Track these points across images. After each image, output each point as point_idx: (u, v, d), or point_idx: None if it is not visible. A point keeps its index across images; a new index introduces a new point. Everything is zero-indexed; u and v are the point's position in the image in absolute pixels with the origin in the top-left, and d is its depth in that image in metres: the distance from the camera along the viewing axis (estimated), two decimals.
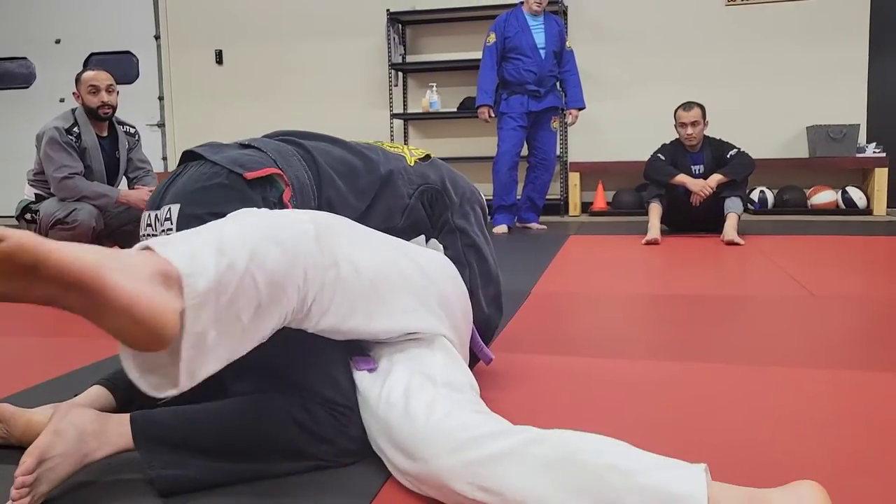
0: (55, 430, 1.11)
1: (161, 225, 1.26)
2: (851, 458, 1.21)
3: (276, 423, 1.18)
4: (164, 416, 1.17)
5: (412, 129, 6.93)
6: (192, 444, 1.15)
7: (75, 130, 3.31)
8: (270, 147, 1.33)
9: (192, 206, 1.23)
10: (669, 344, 2.01)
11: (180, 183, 1.29)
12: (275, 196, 1.24)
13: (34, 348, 2.10)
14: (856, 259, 3.58)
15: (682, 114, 4.50)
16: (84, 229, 3.27)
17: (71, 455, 1.11)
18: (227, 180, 1.24)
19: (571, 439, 1.01)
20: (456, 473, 1.01)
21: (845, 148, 5.92)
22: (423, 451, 1.05)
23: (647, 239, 4.24)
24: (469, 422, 1.07)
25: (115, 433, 1.15)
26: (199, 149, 1.32)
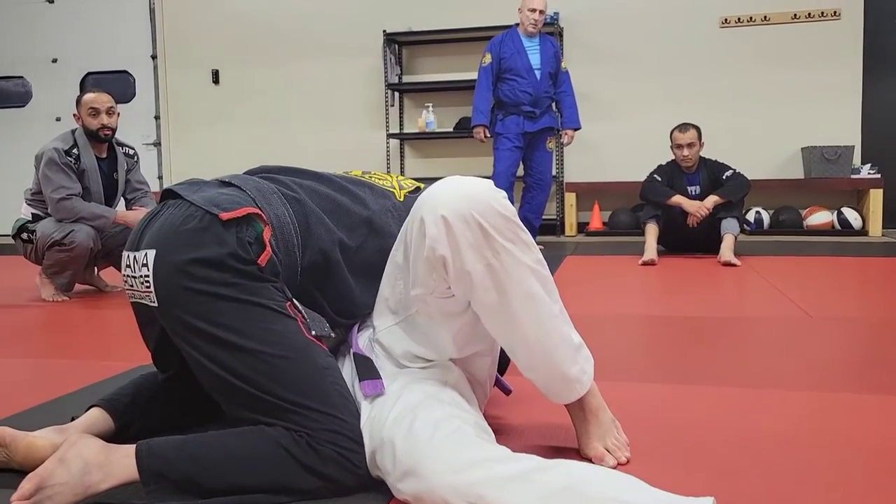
0: (60, 458, 1.11)
1: (139, 269, 1.26)
2: (848, 481, 1.21)
3: (281, 464, 1.16)
4: (169, 450, 1.17)
5: (408, 148, 6.95)
6: (197, 483, 1.14)
7: (74, 152, 3.31)
8: (250, 185, 1.31)
9: (168, 251, 1.23)
10: (667, 366, 2.00)
11: (157, 225, 1.28)
12: (251, 236, 1.23)
13: (31, 370, 2.09)
14: (852, 280, 3.59)
15: (678, 135, 4.53)
16: (81, 251, 3.25)
17: (73, 486, 1.10)
18: (201, 223, 1.23)
19: (577, 470, 1.01)
20: (458, 492, 1.00)
21: (840, 169, 5.96)
22: (426, 468, 1.04)
23: (643, 259, 4.25)
24: (474, 444, 1.06)
25: (119, 465, 1.15)
26: (177, 187, 1.32)
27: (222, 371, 1.20)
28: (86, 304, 3.28)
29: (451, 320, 1.24)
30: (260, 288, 1.22)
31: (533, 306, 1.18)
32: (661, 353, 2.17)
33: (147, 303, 1.27)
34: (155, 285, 1.23)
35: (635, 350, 2.24)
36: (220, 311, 1.20)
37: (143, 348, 1.44)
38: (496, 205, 1.15)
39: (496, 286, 1.16)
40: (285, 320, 1.22)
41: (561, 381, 1.24)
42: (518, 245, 1.16)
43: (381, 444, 1.13)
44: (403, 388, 1.21)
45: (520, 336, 1.20)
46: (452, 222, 1.13)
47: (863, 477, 1.23)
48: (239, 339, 1.19)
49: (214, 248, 1.20)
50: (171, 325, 1.25)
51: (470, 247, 1.13)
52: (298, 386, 1.20)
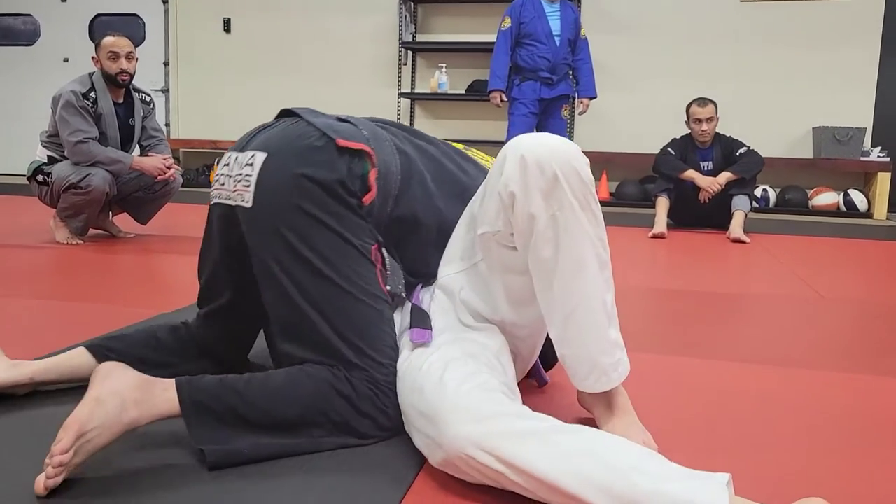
0: (96, 398, 1.07)
1: (240, 168, 1.28)
2: (855, 462, 1.24)
3: (320, 395, 1.19)
4: (210, 385, 1.16)
5: (419, 109, 6.91)
6: (239, 416, 1.14)
7: (92, 95, 3.29)
8: (367, 126, 1.33)
9: (278, 158, 1.25)
10: (681, 339, 2.03)
11: (271, 133, 1.30)
12: (360, 171, 1.25)
13: (51, 312, 2.10)
14: (860, 262, 3.62)
15: (697, 109, 4.51)
16: (97, 195, 3.25)
17: (111, 426, 1.06)
18: (318, 142, 1.25)
19: (598, 436, 1.01)
20: (476, 442, 1.01)
21: (850, 151, 5.96)
22: (447, 416, 1.05)
23: (653, 232, 4.26)
24: (498, 399, 1.08)
25: (160, 399, 1.12)
26: (297, 109, 1.35)
27: (296, 290, 1.22)
28: (99, 248, 3.29)
29: (509, 276, 1.25)
30: (356, 225, 1.25)
31: (581, 277, 1.17)
32: (673, 327, 2.19)
33: (237, 202, 1.27)
34: (256, 186, 1.25)
35: (646, 322, 2.27)
36: (316, 234, 1.22)
37: (162, 296, 1.44)
38: (577, 164, 1.15)
39: (553, 240, 1.16)
40: (368, 265, 1.25)
41: (588, 364, 1.21)
42: (586, 212, 1.16)
43: (411, 390, 1.15)
44: (445, 343, 1.23)
45: (560, 301, 1.18)
46: (530, 164, 1.14)
47: (875, 454, 1.27)
48: (325, 268, 1.22)
49: (327, 171, 1.23)
50: (259, 230, 1.25)
51: (540, 192, 1.14)
52: (360, 329, 1.22)
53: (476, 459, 1.01)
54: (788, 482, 1.15)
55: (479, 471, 1.02)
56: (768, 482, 1.14)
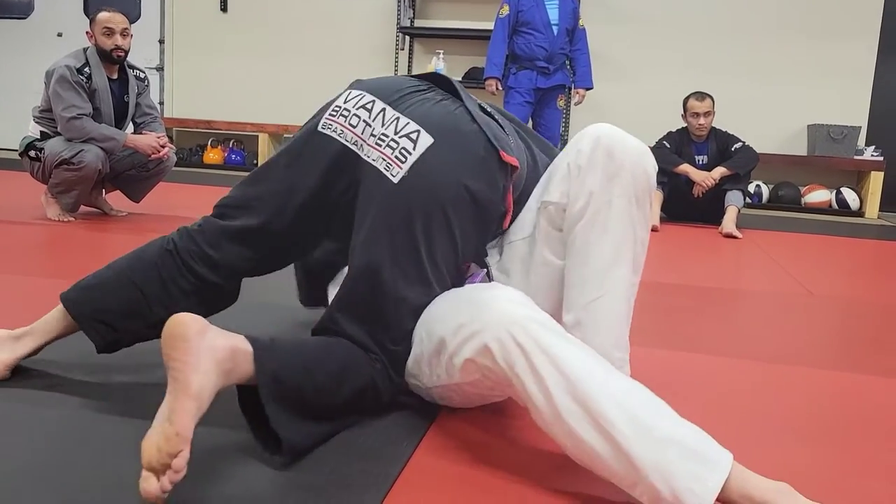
0: (198, 392, 0.95)
1: (393, 132, 1.20)
2: (838, 460, 1.25)
3: (367, 396, 1.19)
4: (285, 354, 1.09)
5: None
6: (307, 405, 1.09)
7: (86, 71, 3.26)
8: (507, 125, 1.32)
9: (445, 152, 1.19)
10: (664, 333, 2.04)
11: (433, 110, 1.22)
12: (507, 184, 1.25)
13: (42, 289, 2.09)
14: (851, 261, 3.64)
15: (694, 103, 4.51)
16: (90, 172, 3.23)
17: (204, 409, 0.98)
18: (484, 151, 1.21)
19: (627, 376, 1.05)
20: (516, 319, 1.03)
21: (844, 149, 5.98)
22: (494, 297, 1.08)
23: None
24: (534, 312, 1.09)
25: (243, 371, 1.03)
26: (453, 81, 1.32)
27: (390, 280, 1.18)
28: (91, 226, 3.27)
29: (545, 257, 1.27)
30: (479, 247, 1.29)
31: (615, 268, 1.20)
32: (663, 321, 2.20)
33: (378, 167, 1.19)
34: (411, 169, 1.18)
35: (639, 315, 2.27)
36: (441, 241, 1.19)
37: None
38: (646, 164, 1.20)
39: (603, 224, 1.19)
40: (452, 276, 1.25)
41: (600, 353, 1.20)
42: (640, 210, 1.20)
43: (456, 292, 1.18)
44: None
45: (589, 285, 1.21)
46: (603, 146, 1.19)
47: (860, 451, 1.28)
48: (431, 276, 1.20)
49: (488, 190, 1.21)
50: (389, 207, 1.18)
51: (605, 174, 1.18)
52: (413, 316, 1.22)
53: (513, 334, 1.02)
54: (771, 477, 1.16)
55: (511, 345, 1.02)
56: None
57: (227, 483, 1.01)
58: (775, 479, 0.97)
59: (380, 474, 1.05)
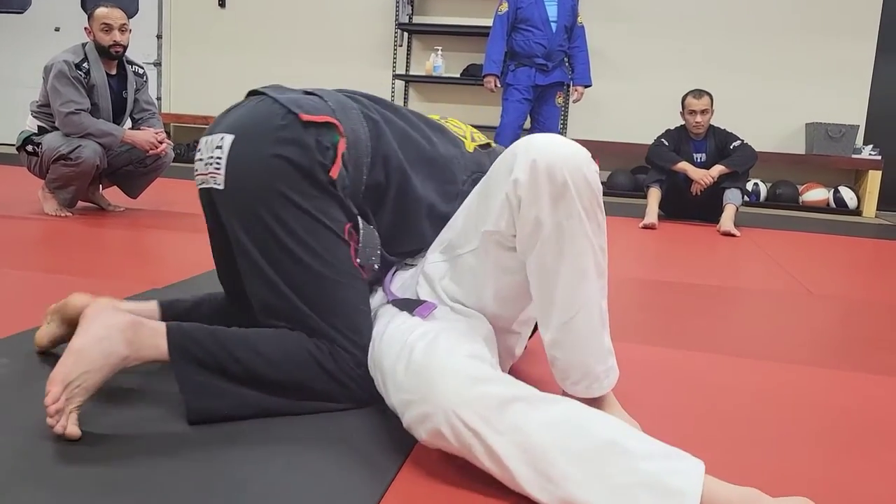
0: (78, 350, 1.12)
1: (210, 151, 1.29)
2: (839, 460, 1.25)
3: (304, 363, 1.23)
4: (199, 333, 1.20)
5: (413, 91, 6.87)
6: (223, 367, 1.19)
7: (85, 66, 3.24)
8: (332, 97, 1.33)
9: (246, 139, 1.26)
10: (661, 330, 2.03)
11: (238, 114, 1.31)
12: (329, 142, 1.25)
13: (41, 285, 2.08)
14: (850, 259, 3.64)
15: (692, 101, 4.51)
16: (87, 167, 3.22)
17: (98, 369, 1.12)
18: (283, 120, 1.25)
19: (582, 409, 1.03)
20: (465, 399, 1.01)
21: (842, 147, 5.98)
22: (440, 374, 1.05)
23: (644, 223, 4.27)
24: (486, 368, 1.08)
25: (148, 344, 1.17)
26: (263, 88, 1.35)
27: (273, 272, 1.24)
28: (88, 221, 3.26)
29: (501, 275, 1.24)
30: (329, 204, 1.25)
31: (582, 285, 1.16)
32: (661, 318, 2.20)
33: (210, 185, 1.29)
34: (227, 168, 1.26)
35: (634, 313, 2.28)
36: (289, 215, 1.23)
37: (152, 272, 1.44)
38: (587, 172, 1.14)
39: (558, 248, 1.15)
40: (340, 245, 1.26)
41: (581, 370, 1.21)
42: (591, 221, 1.15)
43: (401, 348, 1.14)
44: (436, 320, 1.23)
45: (559, 307, 1.18)
46: (540, 169, 1.12)
47: (847, 455, 1.28)
48: (300, 250, 1.23)
49: (296, 150, 1.23)
50: (233, 211, 1.27)
51: (549, 199, 1.13)
52: (337, 308, 1.25)
53: (461, 417, 1.01)
54: (771, 478, 1.16)
55: (462, 429, 1.01)
56: (750, 477, 1.15)
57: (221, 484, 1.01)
58: (772, 478, 0.97)
59: (368, 486, 1.03)
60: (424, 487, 1.04)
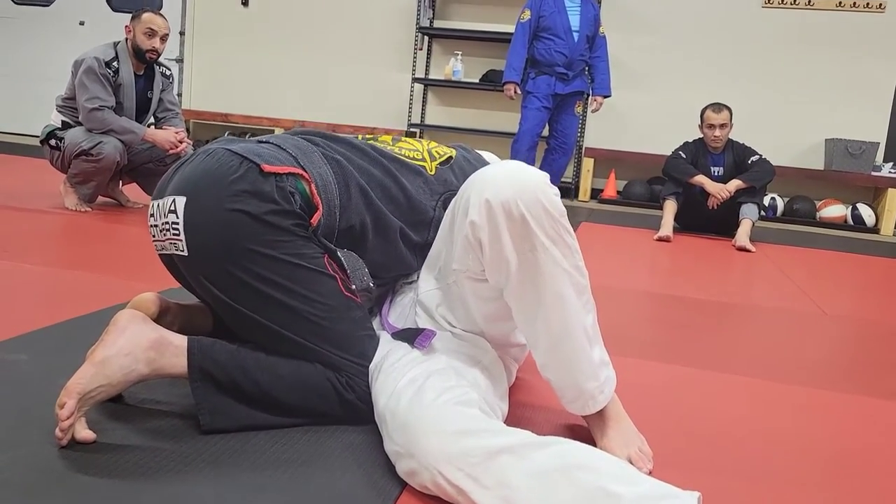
0: (102, 360, 1.12)
1: (164, 216, 1.24)
2: (837, 486, 1.25)
3: (324, 394, 1.24)
4: (221, 355, 1.20)
5: (431, 94, 6.89)
6: (241, 391, 1.20)
7: (114, 65, 3.29)
8: (289, 143, 1.29)
9: (200, 198, 1.20)
10: (672, 347, 2.03)
11: (187, 171, 1.25)
12: (292, 187, 1.22)
13: (63, 281, 2.11)
14: (865, 279, 3.62)
15: (711, 115, 4.49)
16: (108, 163, 3.26)
17: (115, 385, 1.13)
18: (238, 171, 1.20)
19: (570, 452, 1.00)
20: (448, 456, 1.00)
21: (861, 164, 5.94)
22: (422, 428, 1.04)
23: (659, 235, 4.27)
24: (473, 414, 1.07)
25: (169, 363, 1.18)
26: (213, 143, 1.30)
27: (267, 322, 1.23)
28: (108, 217, 3.30)
29: (483, 304, 1.25)
30: (300, 246, 1.22)
31: (561, 310, 1.16)
32: (670, 334, 2.20)
33: (174, 252, 1.25)
34: (186, 233, 1.21)
35: (647, 328, 2.28)
36: (265, 267, 1.20)
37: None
38: (544, 199, 1.12)
39: (529, 281, 1.14)
40: (326, 280, 1.24)
41: (574, 390, 1.22)
42: (559, 246, 1.14)
43: (390, 395, 1.15)
44: (434, 353, 1.23)
45: (543, 334, 1.18)
46: (495, 207, 1.11)
47: (856, 483, 1.28)
48: (288, 299, 1.22)
49: (255, 201, 1.19)
50: (206, 275, 1.24)
51: (509, 237, 1.12)
52: (340, 341, 1.26)
53: (445, 475, 1.00)
54: (767, 502, 1.16)
55: (447, 487, 1.00)
56: (747, 501, 1.15)
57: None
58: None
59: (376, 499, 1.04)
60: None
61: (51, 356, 1.47)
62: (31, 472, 1.02)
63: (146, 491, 1.00)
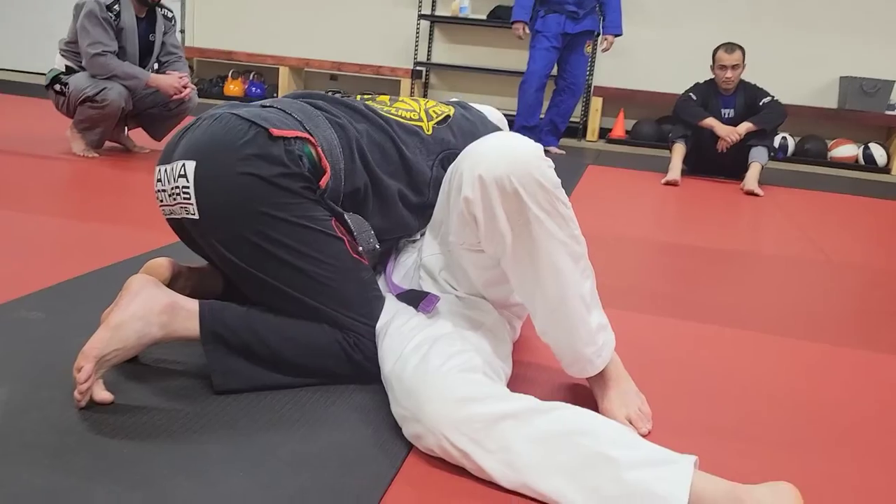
0: (117, 325, 1.14)
1: (174, 181, 1.25)
2: (841, 440, 1.27)
3: (334, 355, 1.28)
4: (232, 318, 1.23)
5: (438, 32, 6.77)
6: (251, 352, 1.23)
7: (116, 8, 3.23)
8: (295, 108, 1.30)
9: (210, 162, 1.22)
10: (676, 300, 2.05)
11: (195, 135, 1.26)
12: (300, 150, 1.23)
13: (76, 233, 2.14)
14: (874, 224, 3.61)
15: (723, 55, 4.41)
16: (113, 109, 3.24)
17: (130, 348, 1.16)
18: (246, 135, 1.22)
19: (570, 417, 1.03)
20: (453, 422, 1.03)
21: (876, 103, 5.85)
22: (428, 394, 1.06)
23: (666, 179, 4.24)
24: (477, 381, 1.09)
25: (182, 327, 1.20)
26: (217, 108, 1.30)
27: (277, 283, 1.25)
28: (116, 163, 3.30)
29: (482, 271, 1.27)
30: (309, 209, 1.24)
31: (558, 279, 1.18)
32: (673, 286, 2.21)
33: (185, 216, 1.27)
34: (197, 197, 1.23)
35: (648, 279, 2.29)
36: (275, 230, 1.22)
37: None
38: (536, 172, 1.12)
39: (525, 253, 1.16)
40: (334, 242, 1.27)
41: (572, 354, 1.25)
42: (553, 217, 1.15)
43: (396, 360, 1.18)
44: (438, 317, 1.25)
45: (540, 302, 1.21)
46: (488, 183, 1.12)
47: (857, 445, 1.30)
48: (297, 261, 1.24)
49: (266, 165, 1.20)
50: (218, 238, 1.26)
51: (504, 211, 1.13)
52: (348, 301, 1.28)
53: (450, 440, 1.03)
54: (765, 462, 1.19)
55: (452, 450, 1.04)
56: (746, 463, 1.18)
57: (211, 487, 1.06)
58: (771, 467, 0.99)
59: (372, 480, 1.04)
60: (436, 467, 1.09)
61: (67, 313, 1.50)
62: (54, 433, 1.06)
63: (164, 451, 1.04)
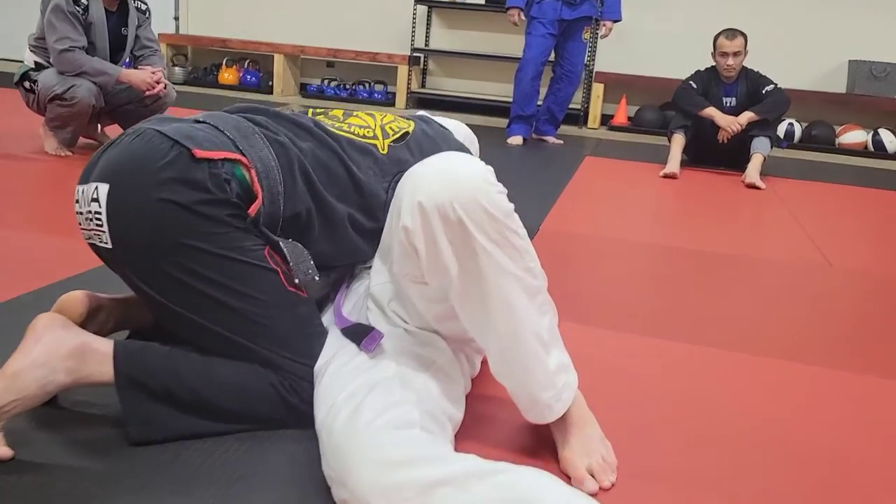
0: (13, 373, 1.03)
1: (88, 204, 1.13)
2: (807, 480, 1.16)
3: (267, 399, 1.16)
4: (151, 360, 1.12)
5: (435, 17, 6.61)
6: (174, 398, 1.11)
7: (83, 2, 3.10)
8: (229, 124, 1.17)
9: (124, 187, 1.10)
10: (658, 315, 1.91)
11: (114, 154, 1.13)
12: (228, 173, 1.11)
13: (41, 245, 2.03)
14: (881, 220, 3.46)
15: (724, 42, 4.24)
16: (83, 107, 3.12)
17: (31, 397, 1.04)
18: (167, 156, 1.09)
19: (515, 483, 0.93)
20: (381, 490, 0.91)
21: (886, 87, 5.68)
22: (355, 457, 0.95)
23: (665, 171, 4.09)
24: (413, 438, 0.98)
25: (95, 371, 1.08)
26: (145, 122, 1.17)
27: (201, 319, 1.13)
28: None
29: (429, 304, 1.15)
30: (237, 238, 1.12)
31: (511, 316, 1.06)
32: (666, 301, 2.09)
33: (98, 244, 1.16)
34: (109, 225, 1.11)
35: (640, 293, 2.17)
36: (198, 263, 1.10)
37: None
38: (483, 199, 1.00)
39: (473, 288, 1.04)
40: (266, 274, 1.14)
41: (528, 399, 1.13)
42: (504, 248, 1.03)
43: (328, 410, 1.06)
44: (382, 356, 1.13)
45: (493, 341, 1.09)
46: (429, 211, 1.00)
47: (832, 477, 1.19)
48: (224, 296, 1.12)
49: (187, 191, 1.08)
50: (134, 270, 1.15)
51: (446, 241, 1.01)
52: (283, 339, 1.17)
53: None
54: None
55: None
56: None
57: None
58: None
59: None
60: None
61: None
62: None
63: None
